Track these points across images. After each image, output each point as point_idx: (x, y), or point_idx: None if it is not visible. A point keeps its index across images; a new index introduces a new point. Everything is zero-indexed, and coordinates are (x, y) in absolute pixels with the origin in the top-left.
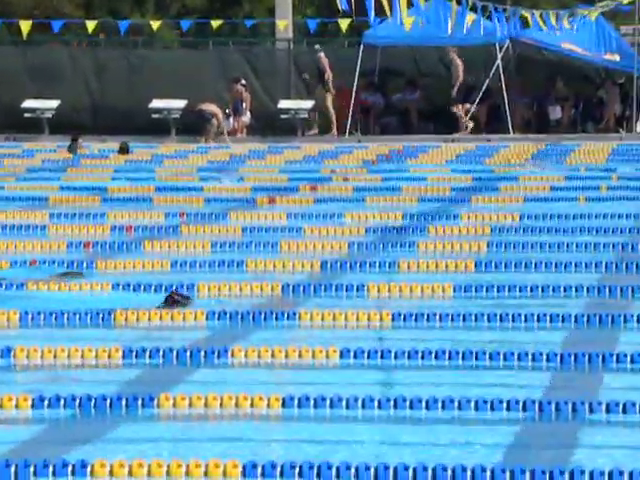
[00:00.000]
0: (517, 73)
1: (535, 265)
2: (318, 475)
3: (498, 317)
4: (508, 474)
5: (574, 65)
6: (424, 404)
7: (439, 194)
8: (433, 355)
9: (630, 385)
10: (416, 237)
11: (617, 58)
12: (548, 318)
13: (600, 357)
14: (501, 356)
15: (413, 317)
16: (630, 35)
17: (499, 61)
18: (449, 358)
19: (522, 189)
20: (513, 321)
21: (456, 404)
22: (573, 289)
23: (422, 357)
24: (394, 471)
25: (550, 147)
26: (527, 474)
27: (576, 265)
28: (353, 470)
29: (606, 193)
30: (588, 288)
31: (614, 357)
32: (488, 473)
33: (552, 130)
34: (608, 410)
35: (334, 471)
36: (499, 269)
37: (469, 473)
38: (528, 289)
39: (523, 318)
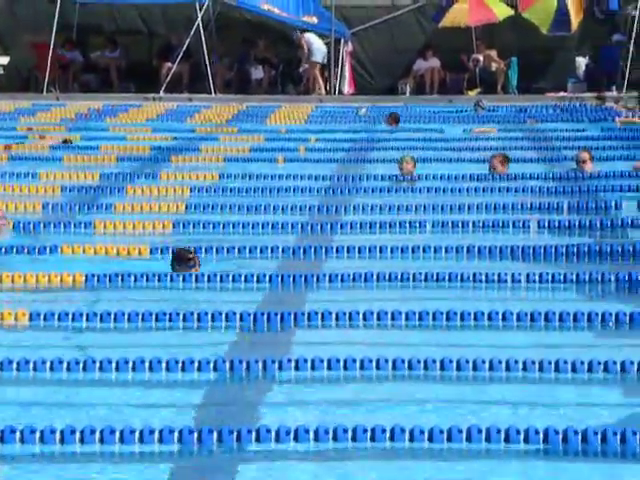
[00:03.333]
0: (218, 33)
1: (233, 226)
2: None
3: (194, 278)
4: (196, 435)
5: (274, 26)
6: (114, 365)
7: (139, 154)
8: (126, 317)
9: (320, 341)
10: (114, 198)
11: (315, 20)
12: (243, 278)
13: (292, 316)
14: (194, 316)
15: (107, 278)
16: None
17: (199, 20)
18: (142, 320)
19: (222, 149)
20: (209, 281)
21: (147, 365)
22: (269, 250)
23: (115, 320)
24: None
25: (251, 108)
26: (215, 434)
27: (273, 226)
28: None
29: (304, 154)
30: (284, 249)
31: (305, 316)
32: (176, 435)
33: (253, 91)
34: (297, 367)
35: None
36: (197, 229)
37: (157, 435)
38: (225, 250)
39: (219, 278)
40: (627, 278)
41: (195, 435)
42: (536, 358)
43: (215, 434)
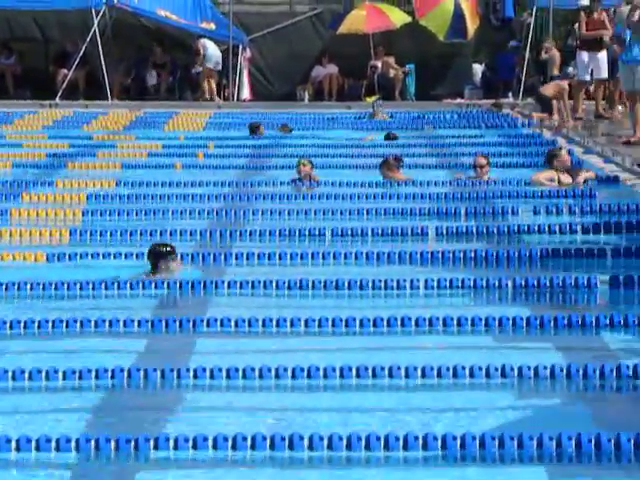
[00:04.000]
0: (114, 39)
1: (131, 233)
2: None
3: (91, 286)
4: (93, 443)
5: (171, 32)
6: (10, 375)
7: (35, 160)
8: (22, 325)
9: (218, 350)
10: (9, 204)
11: (213, 27)
12: (141, 285)
13: (191, 322)
14: (92, 324)
15: (3, 287)
16: (227, 4)
17: (96, 27)
18: (39, 327)
19: (119, 156)
20: (106, 289)
21: (43, 374)
22: None
23: (11, 327)
24: None
25: (149, 114)
26: (112, 442)
27: (171, 233)
28: None
29: (203, 161)
30: (182, 255)
31: (205, 322)
32: (73, 444)
33: (150, 97)
34: (195, 376)
35: None
36: (94, 237)
37: (53, 444)
38: (123, 256)
39: (116, 285)
40: (523, 283)
41: (92, 443)
42: (434, 364)
43: (113, 442)
